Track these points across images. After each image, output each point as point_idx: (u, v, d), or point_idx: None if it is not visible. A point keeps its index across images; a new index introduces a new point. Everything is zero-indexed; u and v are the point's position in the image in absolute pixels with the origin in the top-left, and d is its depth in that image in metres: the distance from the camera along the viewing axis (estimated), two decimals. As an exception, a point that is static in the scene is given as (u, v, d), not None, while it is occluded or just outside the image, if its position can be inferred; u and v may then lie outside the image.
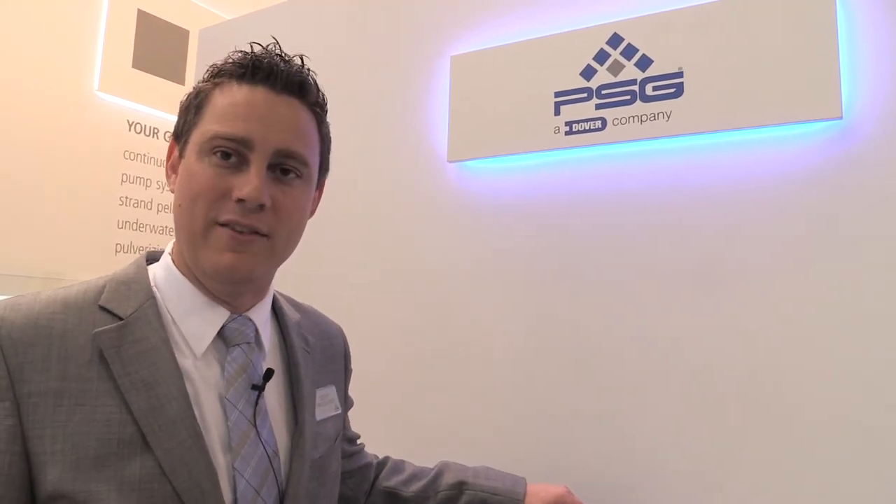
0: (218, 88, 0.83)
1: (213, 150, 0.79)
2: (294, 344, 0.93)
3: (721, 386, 1.20)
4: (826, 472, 1.11)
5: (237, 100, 0.81)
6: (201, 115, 0.82)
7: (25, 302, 0.76)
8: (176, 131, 0.86)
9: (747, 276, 1.20)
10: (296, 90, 0.84)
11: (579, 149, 1.37)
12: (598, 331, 1.33)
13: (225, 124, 0.79)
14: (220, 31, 2.08)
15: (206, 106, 0.82)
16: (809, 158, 1.17)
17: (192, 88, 0.86)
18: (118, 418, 0.72)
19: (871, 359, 1.09)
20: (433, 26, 1.63)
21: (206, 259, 0.79)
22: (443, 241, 1.55)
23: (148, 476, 0.71)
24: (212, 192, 0.78)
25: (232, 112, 0.80)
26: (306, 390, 0.91)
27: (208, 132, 0.79)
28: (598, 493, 1.28)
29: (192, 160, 0.80)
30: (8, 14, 2.93)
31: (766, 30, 1.19)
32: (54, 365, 0.72)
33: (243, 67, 0.82)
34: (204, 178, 0.78)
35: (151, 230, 3.50)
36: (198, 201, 0.78)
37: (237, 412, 0.79)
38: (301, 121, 0.85)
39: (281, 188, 0.82)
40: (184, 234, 0.80)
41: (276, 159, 0.81)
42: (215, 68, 0.85)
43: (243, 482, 0.76)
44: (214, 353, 0.82)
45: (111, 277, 0.82)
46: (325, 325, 1.08)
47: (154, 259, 0.89)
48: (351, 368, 1.11)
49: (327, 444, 0.93)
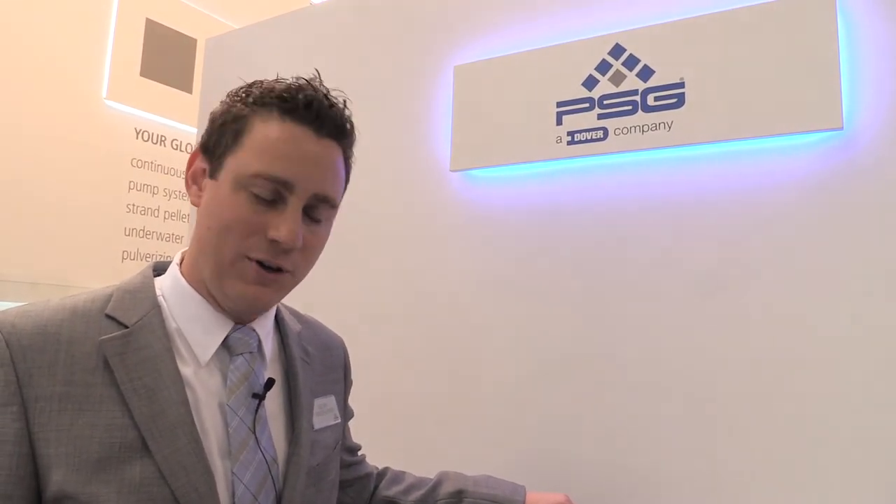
0: (260, 117, 0.81)
1: (251, 187, 0.79)
2: (294, 354, 0.94)
3: (723, 395, 1.20)
4: (832, 476, 1.10)
5: (282, 137, 0.80)
6: (240, 143, 0.81)
7: (35, 310, 0.77)
8: (205, 145, 0.84)
9: (748, 284, 1.20)
10: (338, 135, 0.86)
11: (581, 158, 1.37)
12: (601, 339, 1.34)
13: (267, 163, 0.79)
14: (227, 40, 2.10)
15: (245, 133, 0.81)
16: (810, 168, 1.18)
17: (228, 104, 0.84)
18: (120, 423, 0.73)
19: (873, 365, 1.09)
20: (436, 36, 1.64)
21: (231, 287, 0.81)
22: (445, 249, 1.56)
23: (147, 479, 0.72)
24: (245, 226, 0.79)
25: (275, 150, 0.79)
26: (304, 399, 0.92)
27: (249, 168, 0.79)
28: (599, 502, 1.28)
29: (226, 189, 0.80)
30: (16, 22, 2.97)
31: (767, 41, 1.20)
32: (61, 370, 0.74)
33: (290, 102, 0.81)
34: (239, 211, 0.79)
35: (158, 237, 3.52)
36: (230, 233, 0.79)
37: (237, 419, 0.81)
38: (338, 164, 0.86)
39: (310, 228, 0.84)
40: (209, 259, 0.81)
41: (311, 202, 0.82)
42: (258, 93, 0.83)
43: (241, 487, 0.78)
44: (217, 362, 0.84)
45: (118, 287, 0.84)
46: (326, 336, 1.09)
47: (161, 268, 0.90)
48: (351, 380, 1.12)
49: (325, 452, 0.94)
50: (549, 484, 1.28)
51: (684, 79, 1.27)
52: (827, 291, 1.14)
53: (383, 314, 1.63)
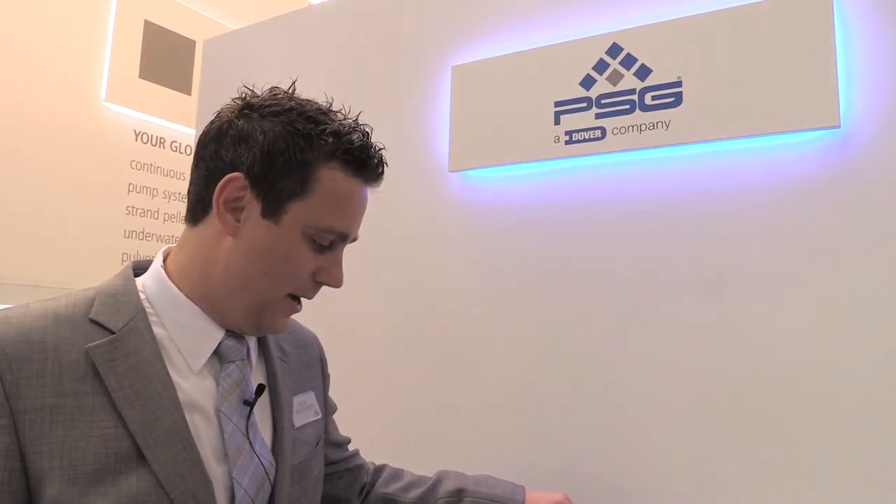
0: (327, 169, 0.81)
1: (321, 239, 0.83)
2: (272, 354, 0.95)
3: (721, 394, 1.20)
4: (833, 476, 1.10)
5: (352, 194, 0.85)
6: (308, 194, 0.80)
7: (15, 316, 0.75)
8: (253, 175, 0.79)
9: (746, 283, 1.20)
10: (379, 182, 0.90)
11: (579, 158, 1.37)
12: (600, 338, 1.34)
13: (342, 222, 0.85)
14: (225, 41, 2.10)
15: (312, 184, 0.80)
16: (807, 167, 1.18)
17: (282, 135, 0.79)
18: (114, 433, 0.72)
19: (871, 364, 1.09)
20: (434, 37, 1.65)
21: (269, 321, 0.86)
22: (444, 249, 1.56)
23: (145, 489, 0.71)
24: (305, 274, 0.84)
25: (347, 207, 0.85)
26: (284, 399, 0.92)
27: (321, 221, 0.82)
28: (598, 501, 1.28)
29: (292, 236, 0.81)
30: (15, 24, 2.97)
31: (765, 39, 1.20)
32: (49, 380, 0.72)
33: (356, 158, 0.83)
34: (303, 259, 0.83)
35: (158, 239, 3.53)
36: (289, 279, 0.84)
37: (232, 425, 0.81)
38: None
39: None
40: (252, 296, 0.83)
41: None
42: (319, 138, 0.81)
43: (241, 491, 0.78)
44: (208, 369, 0.84)
45: (99, 289, 0.82)
46: (300, 333, 1.09)
47: (140, 269, 0.89)
48: (329, 374, 1.13)
49: (307, 448, 0.94)
50: (548, 483, 1.28)
51: (681, 78, 1.27)
52: (825, 290, 1.14)
53: (382, 314, 1.63)
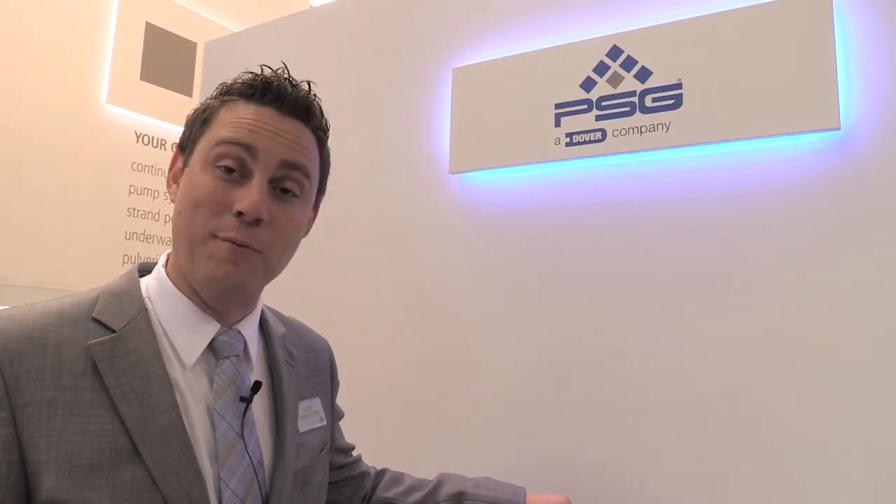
0: (225, 106, 0.85)
1: (218, 161, 0.81)
2: (278, 357, 0.95)
3: (722, 395, 1.20)
4: (835, 476, 1.10)
5: (243, 115, 0.83)
6: (207, 128, 0.84)
7: (20, 314, 0.77)
8: (181, 143, 0.88)
9: (747, 285, 1.20)
10: (301, 114, 0.87)
11: (580, 160, 1.37)
12: (600, 340, 1.34)
13: (232, 131, 0.82)
14: (226, 43, 2.10)
15: (212, 120, 0.85)
16: (807, 169, 1.18)
17: (200, 104, 0.89)
18: (111, 428, 0.73)
19: (872, 366, 1.09)
20: (435, 38, 1.65)
21: (200, 268, 0.80)
22: (444, 252, 1.56)
23: (139, 485, 0.72)
24: (213, 203, 0.80)
25: (238, 123, 0.82)
26: (289, 402, 0.92)
27: (214, 139, 0.82)
28: (599, 503, 1.28)
29: (195, 170, 0.82)
30: (16, 25, 2.97)
31: (764, 41, 1.20)
32: (49, 375, 0.73)
33: (252, 88, 0.85)
34: (206, 188, 0.80)
35: (159, 241, 3.53)
36: (198, 211, 0.80)
37: (225, 423, 0.81)
38: (305, 140, 0.87)
39: (280, 205, 0.84)
40: (181, 241, 0.82)
41: (279, 172, 0.83)
42: (224, 86, 0.87)
43: (229, 492, 0.78)
44: (203, 365, 0.83)
45: (104, 289, 0.84)
46: (310, 337, 1.09)
47: (146, 270, 0.90)
48: (338, 381, 1.12)
49: (311, 454, 0.94)
50: (549, 485, 1.28)
51: (682, 80, 1.27)
52: (826, 291, 1.14)
53: (382, 316, 1.63)
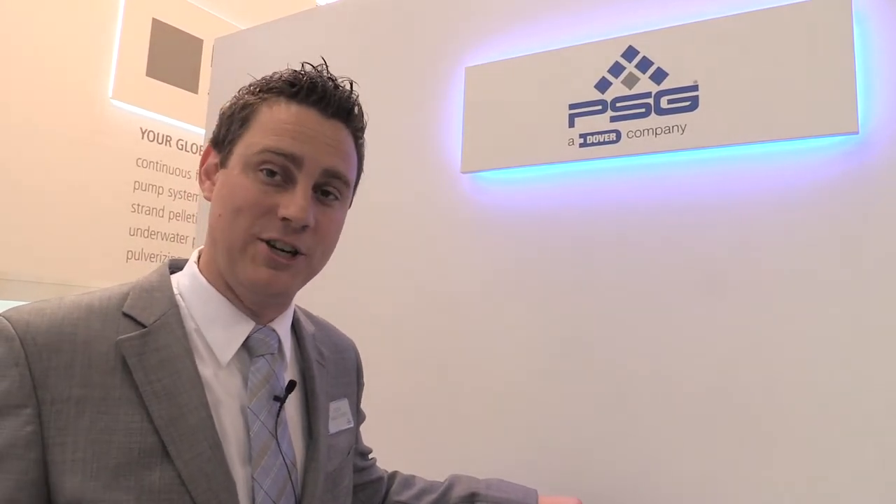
0: (266, 104, 0.82)
1: (260, 166, 0.79)
2: (310, 356, 0.93)
3: (740, 399, 1.20)
4: (837, 476, 1.10)
5: (287, 117, 0.81)
6: (248, 128, 0.82)
7: (49, 307, 0.75)
8: (216, 138, 0.85)
9: (762, 288, 1.20)
10: (344, 115, 0.86)
11: (593, 161, 1.37)
12: (613, 341, 1.33)
13: (275, 139, 0.79)
14: (236, 40, 2.10)
15: (253, 119, 0.82)
16: (825, 173, 1.17)
17: (236, 97, 0.86)
18: (139, 427, 0.72)
19: (883, 370, 1.08)
20: (448, 37, 1.64)
21: (243, 271, 0.79)
22: (456, 251, 1.56)
23: (167, 486, 0.70)
24: (256, 207, 0.78)
25: (282, 128, 0.80)
26: (321, 403, 0.91)
27: (257, 145, 0.79)
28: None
29: (235, 172, 0.80)
30: (23, 22, 2.97)
31: (782, 44, 1.19)
32: (78, 372, 0.72)
33: (295, 86, 0.82)
34: (248, 192, 0.78)
35: (163, 237, 3.52)
36: (241, 215, 0.78)
37: (259, 423, 0.79)
38: (346, 144, 0.86)
39: (322, 209, 0.83)
40: (222, 244, 0.80)
41: (322, 179, 0.82)
42: (264, 82, 0.84)
43: (262, 493, 0.76)
44: (237, 364, 0.82)
45: (134, 284, 0.82)
46: (339, 338, 1.08)
47: (177, 267, 0.89)
48: (363, 382, 1.11)
49: (340, 457, 0.93)
50: (560, 487, 1.27)
51: (698, 82, 1.27)
52: (843, 295, 1.13)
53: (394, 315, 1.63)
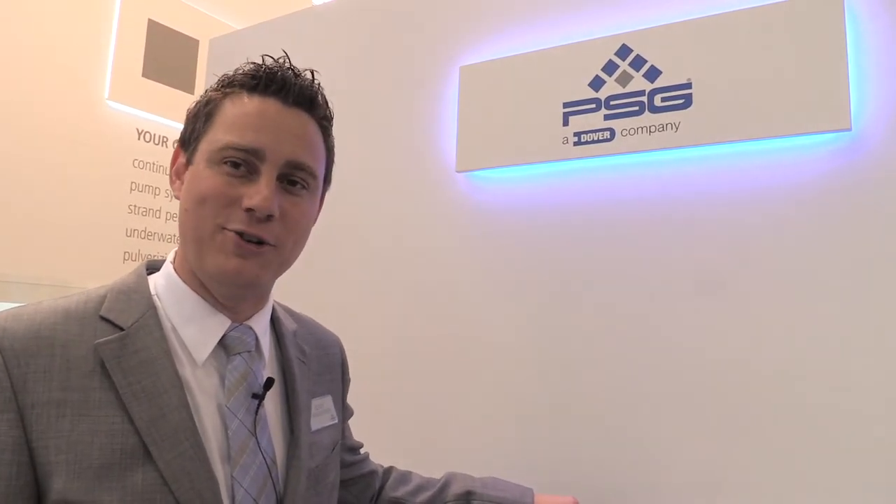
0: (228, 98, 0.84)
1: (224, 160, 0.80)
2: (290, 354, 0.94)
3: (731, 398, 1.20)
4: (837, 476, 1.10)
5: (248, 110, 0.82)
6: (211, 124, 0.83)
7: (27, 312, 0.76)
8: (183, 138, 0.87)
9: (755, 285, 1.20)
10: (306, 104, 0.86)
11: (588, 159, 1.37)
12: (608, 340, 1.33)
13: (236, 134, 0.80)
14: (231, 40, 2.09)
15: (216, 115, 0.83)
16: (818, 170, 1.17)
17: (201, 97, 0.87)
18: (120, 428, 0.72)
19: (878, 368, 1.09)
20: (442, 37, 1.64)
21: (211, 262, 0.79)
22: (451, 250, 1.56)
23: (150, 486, 0.71)
24: (220, 197, 0.79)
25: (243, 122, 0.81)
26: (301, 400, 0.91)
27: (219, 142, 0.80)
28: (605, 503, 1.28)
29: (200, 167, 0.81)
30: (18, 22, 2.96)
31: (775, 41, 1.20)
32: (56, 375, 0.72)
33: (255, 79, 0.84)
34: (213, 183, 0.79)
35: (160, 238, 3.52)
36: (205, 205, 0.79)
37: (237, 421, 0.79)
38: (310, 133, 0.86)
39: (289, 199, 0.83)
40: (190, 237, 0.81)
41: (286, 170, 0.82)
42: (226, 78, 0.86)
43: (241, 491, 0.77)
44: (214, 362, 0.82)
45: (111, 287, 0.83)
46: (322, 334, 1.08)
47: (154, 268, 0.89)
48: (349, 378, 1.11)
49: (324, 453, 0.93)
50: (556, 486, 1.28)
51: (691, 79, 1.27)
52: (835, 293, 1.13)
53: (388, 314, 1.63)
